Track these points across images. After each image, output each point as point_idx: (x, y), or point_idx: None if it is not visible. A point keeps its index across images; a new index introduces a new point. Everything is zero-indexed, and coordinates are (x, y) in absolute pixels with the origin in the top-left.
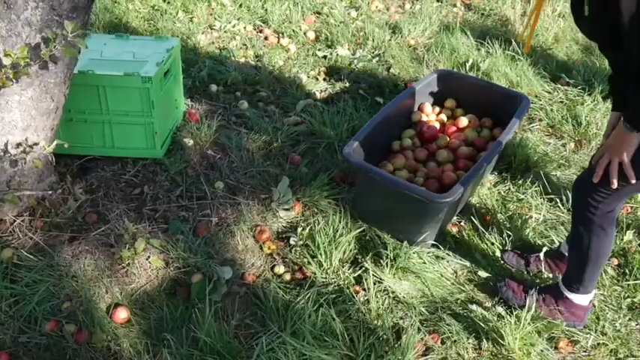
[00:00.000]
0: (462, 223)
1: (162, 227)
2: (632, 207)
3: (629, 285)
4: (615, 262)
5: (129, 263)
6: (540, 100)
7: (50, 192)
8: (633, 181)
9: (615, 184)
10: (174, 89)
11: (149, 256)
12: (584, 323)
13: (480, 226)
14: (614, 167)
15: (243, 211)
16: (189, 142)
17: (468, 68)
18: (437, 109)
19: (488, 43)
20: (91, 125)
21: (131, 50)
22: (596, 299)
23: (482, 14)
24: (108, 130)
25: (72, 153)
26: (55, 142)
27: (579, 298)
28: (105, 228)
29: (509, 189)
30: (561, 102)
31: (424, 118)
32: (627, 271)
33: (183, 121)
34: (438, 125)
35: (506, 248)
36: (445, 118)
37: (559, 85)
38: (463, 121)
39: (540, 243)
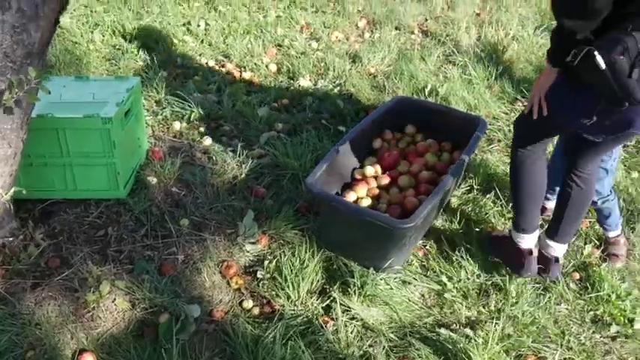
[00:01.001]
0: (428, 247)
1: (127, 268)
2: (590, 222)
3: (591, 298)
4: (577, 276)
5: (94, 307)
6: (498, 121)
7: (11, 239)
8: (545, 113)
9: (531, 113)
10: (136, 128)
11: (115, 299)
12: (528, 272)
13: (445, 249)
14: (536, 99)
15: (209, 247)
16: (152, 180)
17: (427, 93)
18: (397, 135)
19: (445, 68)
20: (51, 169)
21: (91, 91)
22: (561, 314)
23: (439, 40)
24: (69, 173)
25: (33, 197)
26: (12, 189)
27: (519, 237)
28: (68, 272)
29: (472, 210)
30: None
31: (385, 145)
32: (588, 284)
33: (146, 160)
34: (399, 151)
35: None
36: (406, 144)
37: (516, 107)
38: (423, 146)
39: (506, 268)
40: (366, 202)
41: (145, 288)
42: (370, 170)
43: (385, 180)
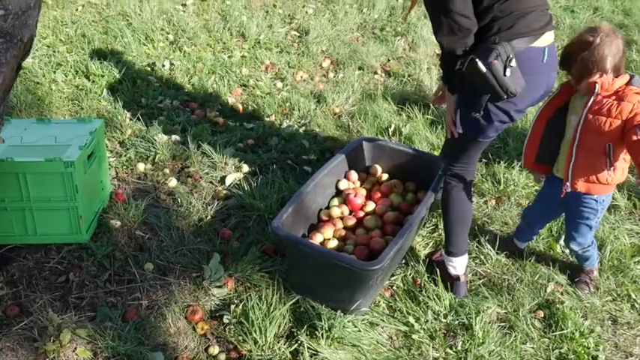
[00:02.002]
0: (394, 287)
1: (89, 315)
2: (552, 260)
3: (555, 336)
4: (541, 314)
5: (54, 357)
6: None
7: None
8: (460, 131)
9: (456, 134)
10: (99, 171)
11: (76, 348)
12: (460, 295)
13: (412, 289)
14: (450, 120)
15: (174, 291)
16: (116, 223)
17: (390, 133)
18: (363, 175)
19: (408, 108)
20: (11, 213)
21: (53, 134)
22: (527, 353)
23: (402, 81)
24: (29, 217)
25: None
26: None
27: (451, 262)
28: (27, 321)
29: (437, 249)
30: (479, 161)
31: (350, 185)
32: (552, 322)
33: (109, 203)
34: (364, 192)
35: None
36: (371, 185)
37: None
38: (388, 187)
39: (472, 305)
40: (333, 244)
41: (108, 336)
42: (336, 211)
43: (351, 221)
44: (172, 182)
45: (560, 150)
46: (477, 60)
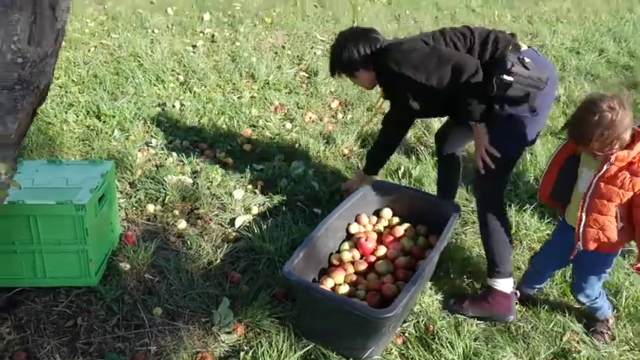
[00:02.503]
0: (406, 334)
1: None
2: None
3: None
4: None
5: None
6: (471, 202)
7: None
8: (498, 155)
9: (493, 165)
10: (110, 213)
11: None
12: (514, 314)
13: (424, 336)
14: (484, 155)
15: (183, 337)
16: (125, 266)
17: (400, 175)
18: (374, 219)
19: (417, 150)
20: (20, 256)
21: (64, 176)
22: None
23: None
24: (39, 260)
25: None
26: None
27: (502, 283)
28: None
29: (449, 295)
30: None
31: (362, 229)
32: None
33: (119, 244)
34: (375, 236)
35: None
36: (382, 229)
37: None
38: (399, 231)
39: (486, 354)
40: (344, 289)
41: None
42: (347, 256)
43: (363, 266)
44: (182, 224)
45: (571, 197)
46: (501, 76)
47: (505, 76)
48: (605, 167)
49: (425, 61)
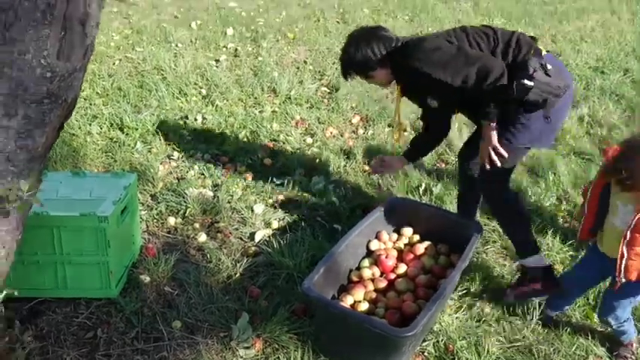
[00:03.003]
0: (426, 353)
1: None
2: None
3: None
4: None
5: None
6: (492, 221)
7: None
8: (506, 155)
9: (499, 163)
10: (131, 225)
11: None
12: (561, 289)
13: (443, 356)
14: (492, 154)
15: (201, 351)
16: (145, 278)
17: (421, 192)
18: (394, 236)
19: (438, 167)
20: (43, 267)
21: (87, 188)
22: None
23: None
24: (61, 271)
25: (22, 296)
26: (4, 293)
27: (536, 259)
28: None
29: (469, 315)
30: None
31: (382, 246)
32: None
33: (139, 257)
34: (395, 253)
35: None
36: (402, 246)
37: None
38: (420, 249)
39: None
40: (364, 307)
41: None
42: (367, 273)
43: (382, 283)
44: (202, 237)
45: (603, 226)
46: (522, 80)
47: (526, 81)
48: None
49: (451, 61)
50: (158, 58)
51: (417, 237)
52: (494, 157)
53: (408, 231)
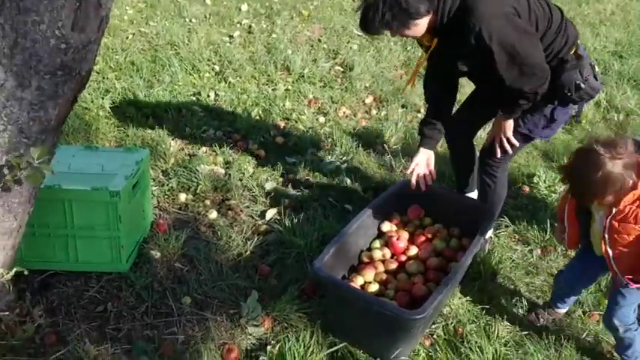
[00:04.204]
0: (435, 336)
1: (125, 348)
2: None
3: None
4: None
5: None
6: (505, 205)
7: (7, 312)
8: (518, 144)
9: (510, 151)
10: (143, 201)
11: None
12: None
13: (452, 339)
14: (505, 142)
15: (210, 327)
16: (156, 254)
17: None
18: (405, 218)
19: None
20: (54, 239)
21: (100, 162)
22: None
23: None
24: (72, 245)
25: (33, 268)
26: (14, 270)
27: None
28: (64, 351)
29: (479, 299)
30: (525, 207)
31: (393, 228)
32: None
33: (150, 232)
34: (407, 235)
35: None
36: (414, 228)
37: (522, 191)
38: (432, 231)
39: (515, 358)
40: (374, 288)
41: None
42: (378, 254)
43: (393, 265)
44: (213, 214)
45: (590, 232)
46: (579, 83)
47: (581, 84)
48: (613, 210)
49: (516, 57)
50: (172, 33)
51: (428, 219)
52: (507, 146)
53: (420, 212)
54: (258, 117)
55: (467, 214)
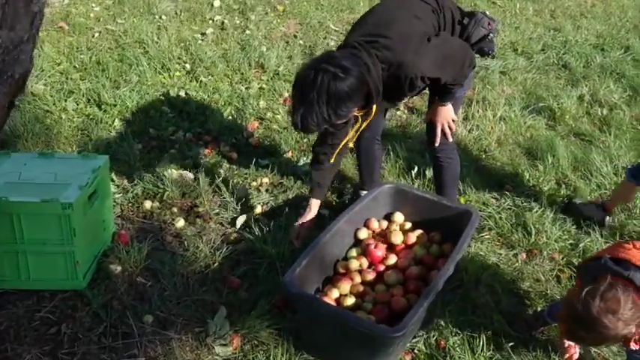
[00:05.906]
0: (416, 350)
1: None
2: None
3: None
4: None
5: None
6: (488, 207)
7: None
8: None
9: (451, 138)
10: (102, 211)
11: None
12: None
13: (435, 354)
14: (446, 128)
15: (174, 348)
16: (116, 268)
17: (414, 176)
18: (384, 223)
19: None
20: (3, 256)
21: (53, 171)
22: None
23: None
24: (22, 261)
25: None
26: None
27: None
28: None
29: (462, 308)
30: (509, 209)
31: (371, 234)
32: None
33: (111, 244)
34: (386, 244)
35: None
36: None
37: (506, 192)
38: (411, 238)
39: None
40: (350, 301)
41: None
42: (355, 264)
43: (371, 275)
44: (180, 222)
45: None
46: (489, 36)
47: (491, 35)
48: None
49: (442, 55)
50: (140, 31)
51: (408, 224)
52: (453, 126)
53: (398, 217)
54: (230, 117)
55: (448, 218)
